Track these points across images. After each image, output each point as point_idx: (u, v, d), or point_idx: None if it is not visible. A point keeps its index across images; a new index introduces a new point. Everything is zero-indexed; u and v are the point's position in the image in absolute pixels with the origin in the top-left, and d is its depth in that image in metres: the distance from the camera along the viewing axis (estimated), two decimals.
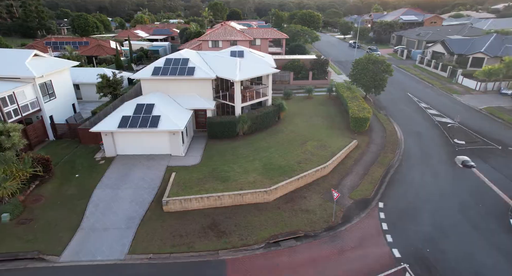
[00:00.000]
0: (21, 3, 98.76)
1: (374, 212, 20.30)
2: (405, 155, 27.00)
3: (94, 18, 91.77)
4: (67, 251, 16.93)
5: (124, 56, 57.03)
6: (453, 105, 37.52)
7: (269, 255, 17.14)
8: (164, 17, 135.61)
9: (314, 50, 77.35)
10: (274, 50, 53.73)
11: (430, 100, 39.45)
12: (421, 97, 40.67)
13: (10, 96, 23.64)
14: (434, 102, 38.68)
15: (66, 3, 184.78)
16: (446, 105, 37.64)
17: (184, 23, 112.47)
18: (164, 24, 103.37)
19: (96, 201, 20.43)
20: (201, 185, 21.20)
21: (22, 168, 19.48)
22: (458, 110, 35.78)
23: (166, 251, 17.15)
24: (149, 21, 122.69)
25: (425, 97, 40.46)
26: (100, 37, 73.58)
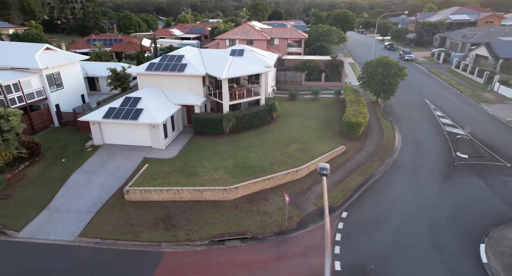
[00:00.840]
0: (81, 6, 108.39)
1: (334, 221, 19.14)
2: (394, 165, 25.01)
3: (138, 17, 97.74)
4: (27, 228, 18.42)
5: (151, 52, 60.06)
6: (475, 115, 33.80)
7: (208, 252, 17.05)
8: (208, 17, 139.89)
9: (344, 52, 74.64)
10: (293, 50, 52.83)
11: (449, 108, 35.94)
12: (440, 104, 37.22)
13: (15, 84, 26.27)
14: (454, 110, 35.16)
15: (129, 5, 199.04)
16: (466, 114, 34.03)
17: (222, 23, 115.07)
18: (202, 24, 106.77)
19: (70, 184, 21.92)
20: (166, 178, 21.70)
21: (5, 149, 21.55)
22: (480, 120, 32.20)
23: (112, 237, 17.87)
24: (192, 20, 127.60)
25: (445, 105, 36.94)
26: (138, 35, 78.26)
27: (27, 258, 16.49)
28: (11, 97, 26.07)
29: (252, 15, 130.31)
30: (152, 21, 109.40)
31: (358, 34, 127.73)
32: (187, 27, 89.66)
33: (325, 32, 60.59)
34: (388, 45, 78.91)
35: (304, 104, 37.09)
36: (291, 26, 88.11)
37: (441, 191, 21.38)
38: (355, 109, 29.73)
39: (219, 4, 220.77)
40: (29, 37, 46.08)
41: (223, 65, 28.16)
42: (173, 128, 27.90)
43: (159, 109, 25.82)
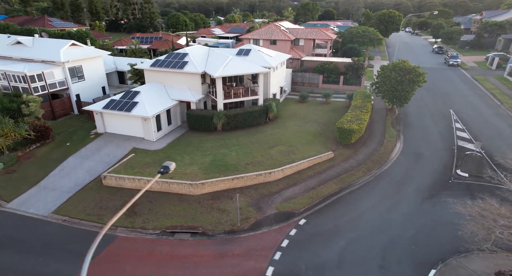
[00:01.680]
0: (140, 7, 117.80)
1: (288, 227, 18.61)
2: (381, 177, 23.27)
3: (185, 17, 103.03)
4: (16, 200, 20.97)
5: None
6: (504, 131, 29.72)
7: (156, 242, 17.81)
8: (256, 17, 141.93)
9: (383, 55, 70.33)
10: (321, 51, 51.37)
11: (476, 121, 32.04)
12: (465, 116, 33.35)
13: (39, 75, 29.86)
14: (480, 124, 31.28)
15: (192, 6, 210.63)
16: (493, 129, 30.07)
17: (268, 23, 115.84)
18: (247, 23, 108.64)
19: (64, 166, 24.38)
20: (143, 168, 23.00)
21: (15, 130, 24.68)
22: (506, 137, 28.28)
23: (79, 217, 19.57)
24: (240, 20, 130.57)
25: (472, 117, 33.00)
26: (180, 34, 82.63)
27: (5, 226, 18.90)
28: (35, 86, 29.70)
29: (301, 15, 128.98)
30: (201, 21, 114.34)
31: (412, 35, 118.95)
32: (228, 27, 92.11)
33: (359, 33, 57.68)
34: (436, 48, 72.38)
35: (313, 107, 36.05)
36: (334, 26, 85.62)
37: (417, 209, 19.43)
38: (354, 115, 28.17)
39: (277, 4, 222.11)
40: (78, 35, 51.73)
41: (220, 64, 28.74)
42: (170, 123, 29.27)
43: (153, 103, 27.33)
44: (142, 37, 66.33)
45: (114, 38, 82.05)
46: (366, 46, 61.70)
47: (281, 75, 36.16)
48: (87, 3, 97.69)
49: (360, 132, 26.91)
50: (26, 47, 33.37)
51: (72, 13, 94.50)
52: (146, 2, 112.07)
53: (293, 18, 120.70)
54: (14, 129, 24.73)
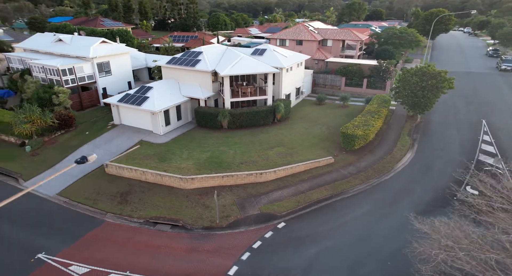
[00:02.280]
0: (186, 7, 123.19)
1: (266, 229, 18.43)
2: (378, 187, 21.95)
3: (225, 17, 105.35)
4: (32, 180, 23.39)
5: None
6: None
7: (137, 230, 18.74)
8: (297, 17, 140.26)
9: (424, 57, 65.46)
10: (349, 53, 49.44)
11: (510, 134, 28.64)
12: (500, 127, 29.92)
13: (70, 69, 32.77)
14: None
15: (241, 6, 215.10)
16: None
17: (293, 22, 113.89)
18: (285, 23, 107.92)
19: (78, 152, 26.55)
20: (143, 160, 24.22)
21: (41, 117, 27.35)
22: None
23: (76, 200, 21.26)
24: (281, 20, 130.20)
25: (505, 130, 29.51)
26: (219, 33, 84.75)
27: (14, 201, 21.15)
28: (66, 79, 32.68)
29: (346, 15, 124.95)
30: (241, 20, 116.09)
31: (470, 36, 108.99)
32: (267, 26, 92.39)
33: (395, 34, 54.37)
34: (491, 51, 65.60)
35: (328, 110, 34.95)
36: (376, 27, 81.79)
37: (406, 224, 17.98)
38: (364, 120, 26.84)
39: (326, 3, 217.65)
40: (119, 33, 55.62)
41: (230, 63, 29.14)
42: (180, 118, 30.39)
43: (163, 99, 28.58)
44: (179, 36, 69.29)
45: (157, 36, 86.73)
46: (405, 48, 58.00)
47: (297, 76, 35.57)
48: (137, 5, 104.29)
49: (366, 138, 25.56)
50: (65, 44, 36.79)
51: (124, 13, 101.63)
52: (191, 2, 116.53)
53: (336, 18, 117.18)
54: (41, 117, 27.47)
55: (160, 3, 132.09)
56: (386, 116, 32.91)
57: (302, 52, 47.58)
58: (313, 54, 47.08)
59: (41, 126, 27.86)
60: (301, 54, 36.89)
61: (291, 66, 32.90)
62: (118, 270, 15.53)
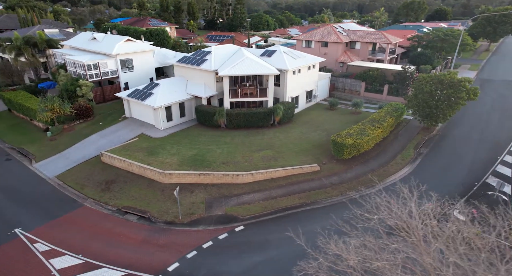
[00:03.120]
0: (234, 7, 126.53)
1: (222, 231, 18.47)
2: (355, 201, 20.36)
3: (268, 17, 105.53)
4: (41, 162, 26.20)
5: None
6: None
7: (107, 217, 20.02)
8: (343, 17, 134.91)
9: (476, 63, 58.71)
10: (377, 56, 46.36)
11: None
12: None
13: (95, 64, 35.84)
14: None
15: (298, 6, 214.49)
16: None
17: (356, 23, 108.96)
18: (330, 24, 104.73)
19: (86, 141, 28.99)
20: (134, 152, 25.62)
21: (61, 107, 30.31)
22: None
23: (68, 184, 23.32)
24: (329, 21, 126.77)
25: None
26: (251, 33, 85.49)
27: (19, 178, 23.95)
28: (90, 73, 35.83)
29: (401, 15, 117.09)
30: (286, 21, 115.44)
31: None
32: (306, 27, 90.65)
33: (438, 36, 49.52)
34: None
35: (337, 115, 33.33)
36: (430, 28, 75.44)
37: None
38: (361, 129, 25.17)
39: (388, 3, 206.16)
40: (157, 32, 59.23)
41: (232, 63, 29.39)
42: (183, 115, 31.47)
43: (166, 95, 29.87)
44: (216, 36, 71.40)
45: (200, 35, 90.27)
46: (451, 52, 52.54)
47: (307, 79, 34.46)
48: (186, 5, 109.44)
49: (358, 148, 23.89)
50: (98, 42, 40.26)
51: (174, 14, 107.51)
52: (238, 3, 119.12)
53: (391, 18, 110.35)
54: (60, 107, 30.54)
55: (211, 4, 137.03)
56: (399, 125, 30.46)
57: (327, 54, 46.11)
58: (338, 57, 45.19)
59: (60, 115, 30.95)
60: (315, 57, 35.69)
61: (298, 68, 32.05)
62: (72, 252, 16.79)
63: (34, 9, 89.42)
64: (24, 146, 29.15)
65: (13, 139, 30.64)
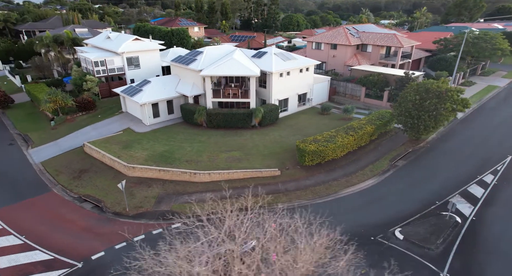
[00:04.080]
0: (268, 8, 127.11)
1: (160, 226, 19.00)
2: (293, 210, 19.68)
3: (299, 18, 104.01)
4: (36, 148, 28.84)
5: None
6: None
7: (66, 203, 21.59)
8: (381, 18, 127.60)
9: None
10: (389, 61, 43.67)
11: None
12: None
13: (102, 61, 38.47)
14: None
15: (346, 6, 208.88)
16: None
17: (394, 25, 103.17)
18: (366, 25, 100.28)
19: (80, 132, 31.29)
20: (112, 144, 27.16)
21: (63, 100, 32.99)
22: None
23: (47, 170, 25.41)
24: (367, 21, 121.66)
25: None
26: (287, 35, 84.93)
27: (9, 160, 26.65)
28: (98, 69, 38.56)
29: (453, 15, 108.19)
30: (320, 21, 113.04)
31: None
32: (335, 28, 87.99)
33: (467, 40, 45.16)
34: None
35: (326, 120, 32.10)
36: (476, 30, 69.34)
37: None
38: (332, 136, 24.16)
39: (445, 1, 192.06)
40: (178, 32, 61.64)
41: (216, 64, 29.83)
42: (172, 112, 32.60)
43: (154, 93, 31.18)
44: (238, 36, 72.39)
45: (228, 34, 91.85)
46: (484, 57, 47.72)
47: (299, 82, 33.65)
48: (219, 6, 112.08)
49: (321, 155, 22.96)
50: (111, 41, 43.08)
51: (208, 14, 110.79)
52: (273, 3, 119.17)
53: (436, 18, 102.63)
54: (62, 99, 33.33)
55: (247, 4, 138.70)
56: (386, 134, 28.68)
57: (335, 57, 44.68)
58: (347, 60, 43.47)
59: (63, 107, 33.78)
60: (309, 60, 34.78)
61: (287, 71, 31.51)
62: (18, 232, 18.41)
63: (82, 11, 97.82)
64: (29, 132, 32.32)
65: (24, 126, 34.07)
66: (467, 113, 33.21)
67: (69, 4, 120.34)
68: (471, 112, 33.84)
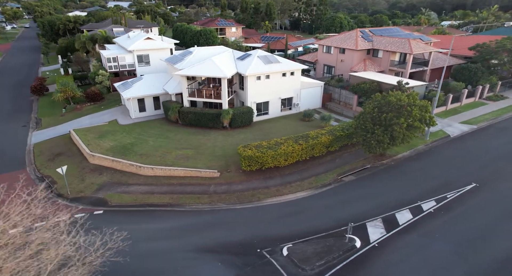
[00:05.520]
0: (316, 8, 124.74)
1: (83, 211, 20.35)
2: (211, 213, 19.69)
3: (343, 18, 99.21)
4: (38, 131, 33.23)
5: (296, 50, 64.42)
6: None
7: (26, 180, 24.61)
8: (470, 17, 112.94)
9: None
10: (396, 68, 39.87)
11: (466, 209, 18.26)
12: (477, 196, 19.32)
13: (114, 58, 42.29)
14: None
15: (421, 5, 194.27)
16: None
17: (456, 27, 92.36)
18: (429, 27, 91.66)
19: (77, 120, 34.96)
20: (90, 134, 29.87)
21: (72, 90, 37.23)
22: None
23: (34, 151, 29.15)
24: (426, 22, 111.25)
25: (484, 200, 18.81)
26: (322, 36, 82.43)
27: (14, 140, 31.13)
28: (110, 65, 42.52)
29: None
30: (369, 22, 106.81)
31: None
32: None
33: (504, 46, 38.96)
34: None
35: (302, 127, 30.64)
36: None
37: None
38: (275, 143, 23.51)
39: None
40: (205, 32, 64.24)
41: (195, 64, 30.88)
42: (158, 108, 34.62)
43: (141, 89, 33.48)
44: (269, 37, 72.48)
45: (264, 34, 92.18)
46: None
47: (282, 86, 32.89)
48: (265, 7, 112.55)
49: (259, 161, 22.46)
50: (129, 39, 47.04)
51: (253, 15, 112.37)
52: (321, 3, 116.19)
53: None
54: (72, 90, 37.64)
55: (297, 4, 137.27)
56: (354, 146, 26.72)
57: (343, 62, 42.56)
58: (353, 65, 41.02)
59: (72, 97, 38.14)
60: (295, 64, 33.80)
61: (266, 74, 31.12)
62: None
63: (143, 11, 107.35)
64: (43, 117, 37.26)
65: (43, 112, 39.29)
66: (464, 132, 29.08)
67: (137, 6, 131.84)
68: (472, 130, 29.51)
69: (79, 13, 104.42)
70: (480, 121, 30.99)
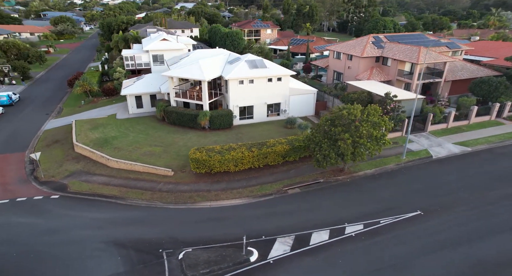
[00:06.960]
0: (365, 10, 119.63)
1: (43, 193, 23.30)
2: (140, 209, 20.66)
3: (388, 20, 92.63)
4: (53, 119, 37.82)
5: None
6: None
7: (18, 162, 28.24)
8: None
9: None
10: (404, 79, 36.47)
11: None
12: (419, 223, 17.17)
13: (131, 57, 45.85)
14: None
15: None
16: None
17: None
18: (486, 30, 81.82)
19: (87, 112, 38.80)
20: (86, 125, 33.07)
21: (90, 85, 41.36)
22: None
23: (40, 136, 33.25)
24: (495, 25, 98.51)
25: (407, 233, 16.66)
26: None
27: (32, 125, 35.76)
28: (127, 63, 46.19)
29: None
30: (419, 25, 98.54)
31: None
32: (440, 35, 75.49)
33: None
34: None
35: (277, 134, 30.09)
36: None
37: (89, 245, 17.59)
38: (229, 148, 23.72)
39: None
40: (231, 34, 65.70)
41: (184, 67, 32.31)
42: (154, 105, 36.88)
43: (139, 88, 36.04)
44: (297, 39, 71.52)
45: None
46: None
47: (269, 91, 32.61)
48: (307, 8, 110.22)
49: (206, 165, 22.89)
50: (150, 40, 50.42)
51: (295, 16, 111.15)
52: (370, 5, 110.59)
53: None
54: (89, 84, 41.81)
55: (346, 6, 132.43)
56: None
57: (350, 69, 40.66)
58: (358, 73, 38.90)
59: (91, 91, 42.38)
60: (283, 69, 33.18)
61: (249, 78, 31.22)
62: None
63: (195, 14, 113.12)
64: (65, 107, 42.13)
65: (68, 102, 44.36)
66: (452, 153, 25.89)
67: (193, 8, 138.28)
68: (463, 153, 26.15)
69: (139, 15, 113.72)
70: (479, 144, 27.30)
